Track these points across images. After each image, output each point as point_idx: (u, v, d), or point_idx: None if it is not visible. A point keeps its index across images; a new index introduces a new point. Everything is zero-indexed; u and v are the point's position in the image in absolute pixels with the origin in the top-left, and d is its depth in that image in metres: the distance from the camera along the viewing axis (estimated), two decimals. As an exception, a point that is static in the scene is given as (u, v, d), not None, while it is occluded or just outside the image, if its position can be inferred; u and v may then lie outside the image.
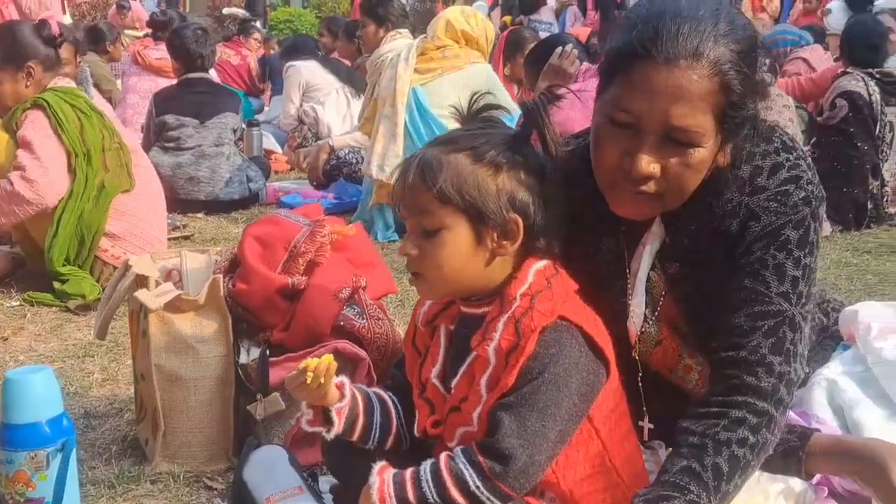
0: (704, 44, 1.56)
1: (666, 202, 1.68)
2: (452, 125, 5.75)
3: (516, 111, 5.29)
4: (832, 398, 1.97)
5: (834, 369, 2.04)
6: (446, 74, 5.46)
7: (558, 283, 1.69)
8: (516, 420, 1.60)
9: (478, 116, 1.78)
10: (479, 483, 1.59)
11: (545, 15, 11.33)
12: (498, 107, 1.80)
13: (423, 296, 1.81)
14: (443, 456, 1.65)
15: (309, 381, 1.71)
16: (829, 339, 2.15)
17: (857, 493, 1.88)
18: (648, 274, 1.82)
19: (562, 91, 1.70)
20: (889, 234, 5.48)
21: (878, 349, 2.03)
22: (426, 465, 1.65)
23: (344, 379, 1.82)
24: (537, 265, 1.70)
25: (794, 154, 1.75)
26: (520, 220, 1.67)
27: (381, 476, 1.64)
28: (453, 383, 1.72)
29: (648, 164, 1.60)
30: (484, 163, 1.67)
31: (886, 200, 5.74)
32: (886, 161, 5.69)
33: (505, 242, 1.68)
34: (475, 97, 1.79)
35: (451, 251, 1.68)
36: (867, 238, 5.41)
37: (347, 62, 8.28)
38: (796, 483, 1.76)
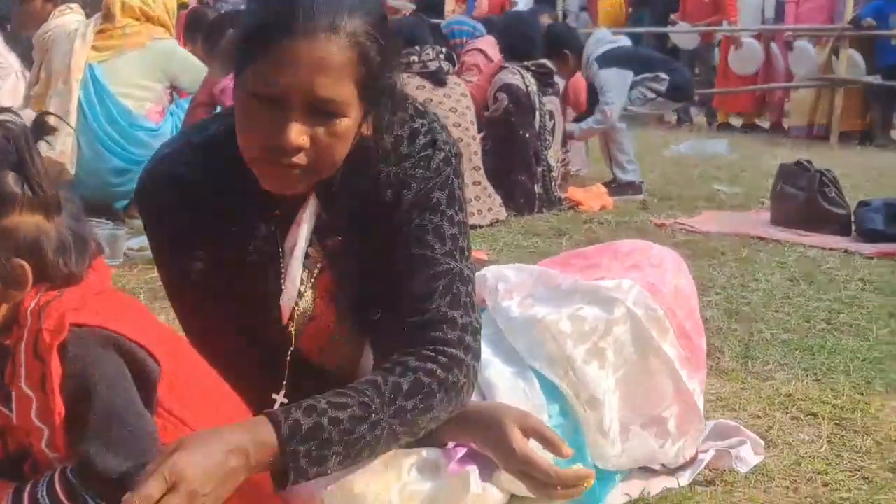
0: (339, 16, 1.59)
1: (317, 173, 1.69)
2: (131, 103, 5.50)
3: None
4: None
5: (467, 335, 2.12)
6: (127, 52, 5.33)
7: (75, 289, 1.54)
8: (102, 442, 1.48)
9: None
10: None
11: (235, -6, 11.08)
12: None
13: None
14: (56, 476, 1.52)
15: None
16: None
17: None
18: (307, 251, 1.83)
19: None
20: (558, 218, 5.82)
21: (506, 308, 2.11)
22: (43, 488, 1.52)
23: None
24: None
25: (427, 118, 1.84)
26: (26, 265, 1.49)
27: None
28: (13, 417, 1.55)
29: (299, 135, 1.60)
30: None
31: (555, 185, 6.10)
32: (549, 148, 6.05)
33: (14, 292, 1.50)
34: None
35: None
36: (538, 222, 5.72)
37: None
38: (430, 452, 1.79)
